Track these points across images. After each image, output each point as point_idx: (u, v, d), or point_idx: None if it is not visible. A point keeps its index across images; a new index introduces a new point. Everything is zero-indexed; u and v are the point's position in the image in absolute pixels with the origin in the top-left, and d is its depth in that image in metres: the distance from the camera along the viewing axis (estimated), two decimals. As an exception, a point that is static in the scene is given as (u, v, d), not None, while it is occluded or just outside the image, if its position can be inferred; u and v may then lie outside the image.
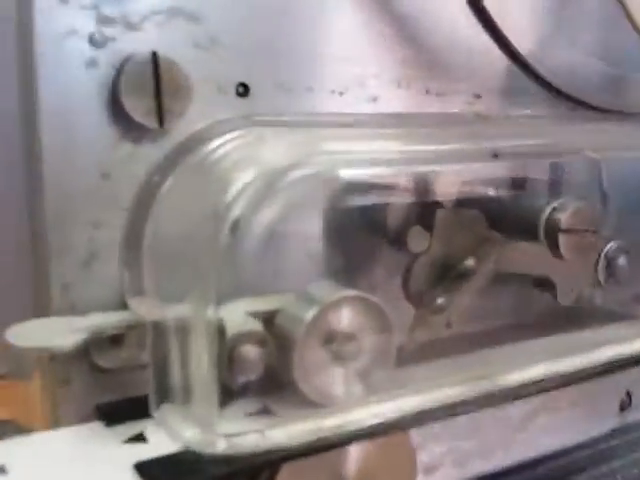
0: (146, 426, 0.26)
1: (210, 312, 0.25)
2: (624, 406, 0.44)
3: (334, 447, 0.26)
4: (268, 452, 0.24)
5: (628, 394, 0.44)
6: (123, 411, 0.27)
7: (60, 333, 0.25)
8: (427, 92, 0.34)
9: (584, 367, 0.30)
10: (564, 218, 0.29)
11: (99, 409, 0.27)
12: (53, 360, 0.27)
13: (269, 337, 0.26)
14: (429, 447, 0.37)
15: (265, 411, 0.26)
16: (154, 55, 0.26)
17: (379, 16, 0.32)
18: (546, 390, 0.30)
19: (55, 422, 0.27)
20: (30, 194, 0.27)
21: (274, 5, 0.29)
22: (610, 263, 0.34)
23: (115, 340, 0.28)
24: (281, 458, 0.24)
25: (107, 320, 0.26)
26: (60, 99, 0.26)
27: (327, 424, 0.26)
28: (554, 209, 0.29)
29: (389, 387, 0.27)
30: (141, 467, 0.23)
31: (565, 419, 0.41)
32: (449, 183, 0.29)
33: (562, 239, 0.28)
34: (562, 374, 0.30)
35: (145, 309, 0.27)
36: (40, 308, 0.27)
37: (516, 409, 0.39)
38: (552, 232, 0.28)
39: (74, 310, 0.27)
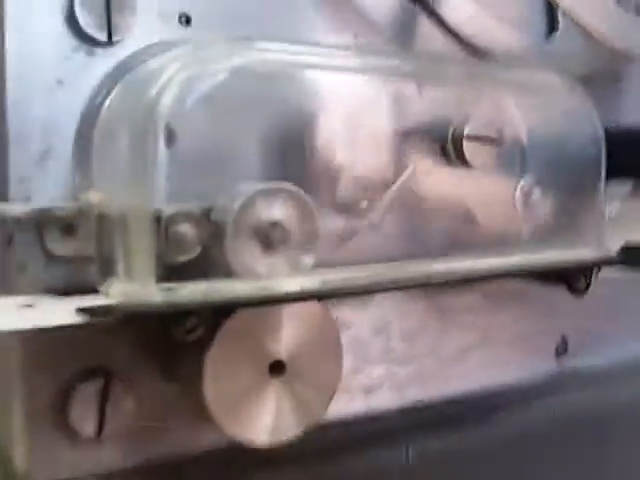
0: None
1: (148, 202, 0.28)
2: (560, 351, 0.46)
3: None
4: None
5: (563, 339, 0.46)
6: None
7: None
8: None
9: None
10: (468, 126, 0.32)
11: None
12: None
13: (205, 221, 0.30)
14: (366, 370, 0.39)
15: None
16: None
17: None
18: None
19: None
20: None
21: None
22: (526, 196, 0.37)
23: (68, 231, 0.31)
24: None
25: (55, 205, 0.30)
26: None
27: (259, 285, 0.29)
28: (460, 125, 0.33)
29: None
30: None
31: (501, 357, 0.44)
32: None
33: (467, 146, 0.32)
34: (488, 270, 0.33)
35: (93, 201, 0.30)
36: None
37: (450, 343, 0.42)
38: (459, 140, 0.32)
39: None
